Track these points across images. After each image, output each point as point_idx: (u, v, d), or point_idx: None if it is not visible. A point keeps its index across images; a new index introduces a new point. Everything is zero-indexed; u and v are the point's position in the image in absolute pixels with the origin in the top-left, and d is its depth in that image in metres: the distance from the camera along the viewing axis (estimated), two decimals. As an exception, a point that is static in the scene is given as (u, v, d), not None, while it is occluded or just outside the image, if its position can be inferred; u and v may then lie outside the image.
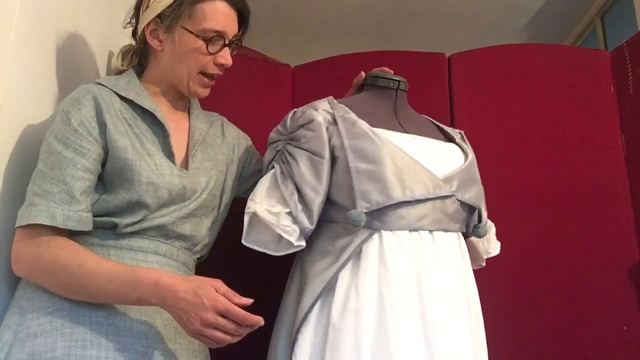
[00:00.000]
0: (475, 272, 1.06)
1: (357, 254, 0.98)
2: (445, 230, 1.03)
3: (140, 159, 0.97)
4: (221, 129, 1.20)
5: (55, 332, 0.85)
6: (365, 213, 0.97)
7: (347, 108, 1.09)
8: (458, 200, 1.05)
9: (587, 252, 1.35)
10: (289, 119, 1.09)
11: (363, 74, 1.22)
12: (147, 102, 1.04)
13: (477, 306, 1.05)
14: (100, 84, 1.02)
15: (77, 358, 0.83)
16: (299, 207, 1.00)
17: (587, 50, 1.92)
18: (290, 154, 1.05)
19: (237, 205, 1.25)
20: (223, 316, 0.83)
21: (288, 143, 1.07)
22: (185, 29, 1.03)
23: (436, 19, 2.76)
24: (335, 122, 1.06)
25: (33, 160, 1.01)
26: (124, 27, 1.13)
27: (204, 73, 1.07)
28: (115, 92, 1.02)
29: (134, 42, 1.14)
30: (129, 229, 0.96)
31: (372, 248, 0.98)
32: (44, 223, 0.88)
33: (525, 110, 1.46)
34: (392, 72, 1.22)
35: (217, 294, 0.84)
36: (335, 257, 0.99)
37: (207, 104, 1.26)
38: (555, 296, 1.33)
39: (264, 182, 1.05)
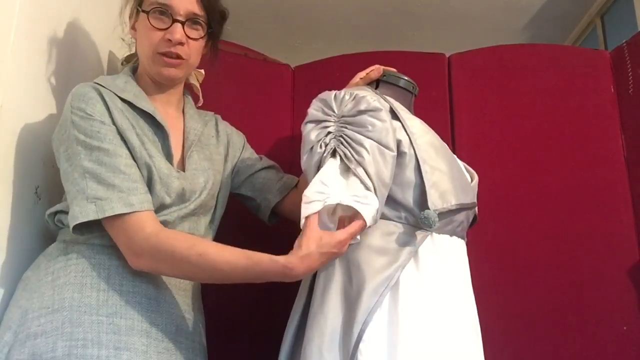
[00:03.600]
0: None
1: (415, 254, 0.96)
2: (463, 238, 1.07)
3: (141, 161, 0.97)
4: (215, 128, 1.20)
5: (55, 332, 0.85)
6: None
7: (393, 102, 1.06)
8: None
9: (586, 252, 1.35)
10: (333, 100, 1.00)
11: (380, 68, 1.18)
12: (145, 104, 1.03)
13: None
14: (99, 84, 1.01)
15: (77, 358, 0.83)
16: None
17: (587, 50, 1.92)
18: (353, 139, 0.95)
19: (236, 202, 1.25)
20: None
21: (344, 127, 0.97)
22: (142, 10, 1.04)
23: (436, 19, 2.76)
24: (396, 115, 1.02)
25: (34, 160, 1.01)
26: (124, 37, 1.14)
27: (160, 52, 1.03)
28: (114, 93, 1.01)
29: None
30: None
31: (428, 249, 0.97)
32: (123, 212, 0.89)
33: (525, 110, 1.46)
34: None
35: (332, 241, 0.87)
36: (393, 255, 0.95)
37: (207, 104, 1.26)
38: (555, 296, 1.33)
39: (333, 167, 0.94)
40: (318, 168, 0.95)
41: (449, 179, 1.01)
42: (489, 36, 2.62)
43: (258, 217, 1.24)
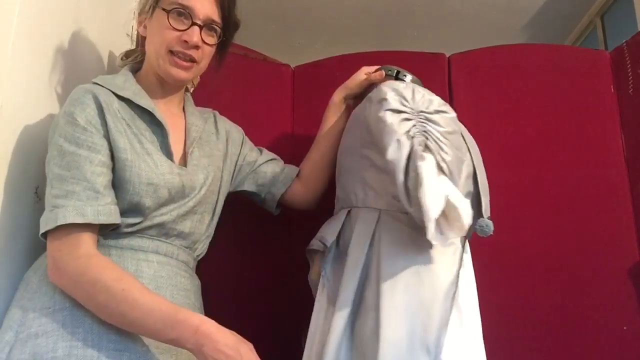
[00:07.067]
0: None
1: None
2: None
3: (140, 160, 0.97)
4: (214, 125, 1.20)
5: (56, 333, 0.85)
6: None
7: None
8: None
9: (587, 252, 1.35)
10: (405, 91, 1.00)
11: (383, 73, 1.21)
12: (145, 101, 1.03)
13: None
14: (97, 84, 1.01)
15: (78, 358, 0.83)
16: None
17: (587, 50, 1.92)
18: (437, 137, 0.94)
19: (236, 202, 1.25)
20: None
21: (426, 122, 0.96)
22: (161, 8, 1.03)
23: (436, 19, 2.76)
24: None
25: (33, 160, 1.00)
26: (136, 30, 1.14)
27: (172, 52, 1.03)
28: (112, 92, 1.01)
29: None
30: (129, 229, 0.96)
31: (466, 252, 1.01)
32: (75, 222, 0.87)
33: (525, 110, 1.46)
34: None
35: (256, 356, 0.85)
36: (452, 259, 0.96)
37: (208, 104, 1.26)
38: (555, 296, 1.33)
39: (431, 165, 0.90)
40: (408, 160, 0.91)
41: (487, 187, 1.01)
42: (489, 36, 2.63)
43: (263, 208, 1.28)
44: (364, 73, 1.23)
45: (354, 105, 1.26)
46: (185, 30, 1.02)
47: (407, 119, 0.96)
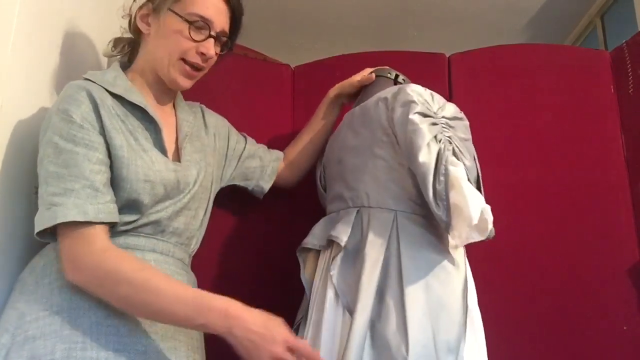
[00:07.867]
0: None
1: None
2: None
3: (137, 156, 0.96)
4: (203, 120, 1.20)
5: (54, 335, 0.84)
6: None
7: None
8: None
9: (587, 252, 1.35)
10: (427, 96, 1.04)
11: (373, 76, 1.24)
12: (137, 98, 1.02)
13: None
14: (89, 80, 1.00)
15: (76, 360, 0.83)
16: None
17: (587, 50, 1.92)
18: (459, 147, 0.99)
19: (233, 197, 1.25)
20: (290, 352, 0.84)
21: (448, 128, 1.01)
22: (173, 11, 1.02)
23: (436, 19, 2.76)
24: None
25: (33, 160, 1.00)
26: (122, 17, 1.12)
27: (185, 60, 1.03)
28: (104, 88, 1.00)
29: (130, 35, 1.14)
30: (125, 227, 0.95)
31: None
32: (77, 219, 0.86)
33: (525, 110, 1.46)
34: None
35: (286, 330, 0.85)
36: (460, 258, 1.01)
37: (208, 104, 1.26)
38: (555, 296, 1.33)
39: (462, 171, 0.95)
40: (437, 161, 0.95)
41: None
42: (489, 36, 2.63)
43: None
44: (360, 76, 1.27)
45: (348, 104, 1.28)
46: (201, 41, 1.02)
47: (434, 124, 0.99)
